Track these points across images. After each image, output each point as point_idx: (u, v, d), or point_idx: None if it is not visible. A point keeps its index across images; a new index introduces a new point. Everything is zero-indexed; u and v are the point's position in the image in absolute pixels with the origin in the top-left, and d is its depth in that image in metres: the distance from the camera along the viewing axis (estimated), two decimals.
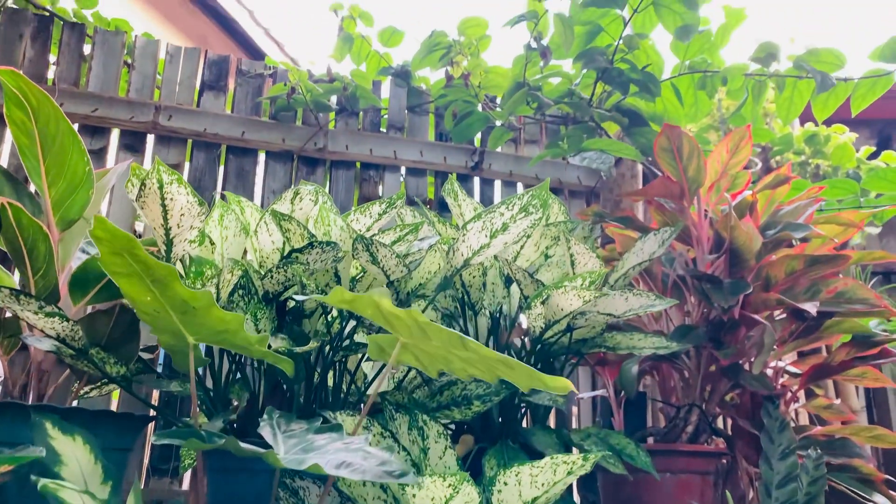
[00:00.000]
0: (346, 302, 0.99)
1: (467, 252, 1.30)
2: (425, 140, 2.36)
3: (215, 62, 2.29)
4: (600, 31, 1.88)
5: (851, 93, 1.89)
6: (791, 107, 1.91)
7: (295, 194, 1.41)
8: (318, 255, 1.28)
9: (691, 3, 1.77)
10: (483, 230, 1.28)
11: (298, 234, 1.32)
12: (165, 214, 1.17)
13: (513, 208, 1.27)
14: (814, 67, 1.82)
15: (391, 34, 2.31)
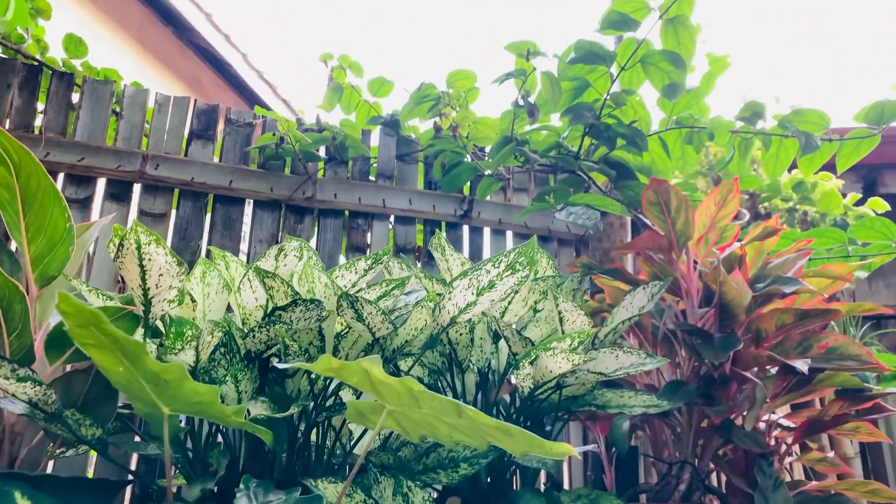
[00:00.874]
0: (333, 370, 0.96)
1: (454, 310, 1.28)
2: (414, 188, 2.35)
3: (204, 111, 2.29)
4: (588, 86, 1.90)
5: (837, 151, 1.91)
6: (777, 163, 1.92)
7: (279, 251, 1.39)
8: (302, 314, 1.26)
9: (678, 62, 1.79)
10: (469, 288, 1.26)
11: (282, 292, 1.30)
12: (143, 275, 1.15)
13: (499, 266, 1.26)
14: (798, 128, 1.84)
15: (381, 84, 2.33)
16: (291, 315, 1.26)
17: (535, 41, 1.82)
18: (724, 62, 2.68)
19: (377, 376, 0.90)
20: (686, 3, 1.82)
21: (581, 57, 1.83)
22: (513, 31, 49.02)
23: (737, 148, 1.98)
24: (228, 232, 2.19)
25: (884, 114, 1.91)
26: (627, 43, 1.87)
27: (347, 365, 0.92)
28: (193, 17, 7.07)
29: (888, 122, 1.92)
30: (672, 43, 1.85)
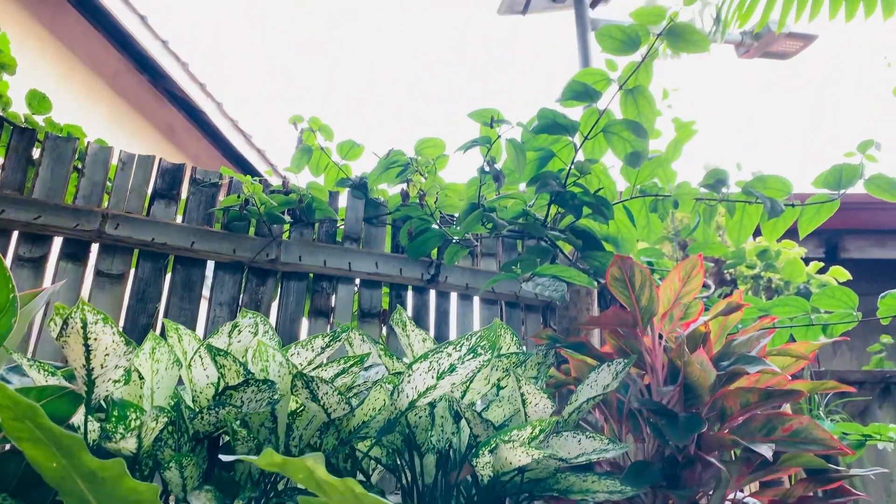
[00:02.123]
0: (277, 465, 0.91)
1: (412, 394, 1.24)
2: (381, 252, 2.33)
3: (169, 171, 2.26)
4: (552, 156, 1.91)
5: (798, 217, 1.93)
6: (741, 230, 1.94)
7: (234, 327, 1.35)
8: (254, 395, 1.21)
9: (639, 131, 1.82)
10: (430, 371, 1.23)
11: (234, 371, 1.25)
12: (88, 355, 1.10)
13: (461, 349, 1.23)
14: (762, 193, 1.86)
15: (350, 147, 2.32)
16: (243, 396, 1.21)
17: (498, 109, 1.83)
18: (691, 129, 2.73)
19: (320, 476, 0.86)
20: (644, 74, 1.86)
21: (545, 126, 1.85)
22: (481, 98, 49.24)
23: (701, 215, 1.99)
24: (188, 294, 2.13)
25: (842, 178, 1.94)
26: (590, 112, 1.89)
27: (291, 461, 0.88)
28: (169, 65, 7.08)
29: (846, 186, 1.96)
30: (632, 112, 1.88)
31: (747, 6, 4.12)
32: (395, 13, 53.61)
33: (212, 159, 8.48)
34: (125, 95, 7.26)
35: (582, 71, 1.81)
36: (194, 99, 7.47)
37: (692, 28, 1.72)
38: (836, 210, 2.13)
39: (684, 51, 1.75)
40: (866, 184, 1.84)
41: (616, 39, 1.75)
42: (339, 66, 63.04)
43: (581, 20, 4.02)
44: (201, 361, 1.31)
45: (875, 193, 1.85)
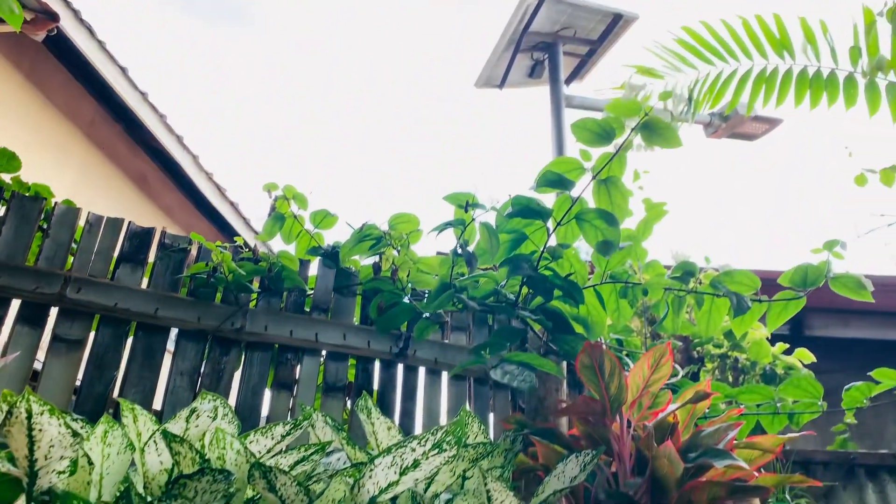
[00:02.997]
0: None
1: (374, 489, 1.20)
2: (350, 323, 2.30)
3: (137, 234, 2.22)
4: (525, 239, 1.92)
5: (766, 312, 1.96)
6: (710, 321, 1.96)
7: (192, 412, 1.30)
8: (209, 485, 1.16)
9: (611, 220, 1.84)
10: (392, 466, 1.19)
11: (189, 458, 1.20)
12: (32, 446, 1.05)
13: (425, 444, 1.20)
14: (728, 288, 1.89)
15: (324, 216, 2.32)
16: (197, 486, 1.15)
17: (473, 193, 1.84)
18: (661, 210, 2.78)
19: None
20: (617, 165, 1.90)
21: (518, 211, 1.86)
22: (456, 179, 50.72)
23: (670, 305, 2.01)
24: (148, 362, 2.07)
25: (807, 278, 1.98)
26: (563, 199, 1.92)
27: None
28: (147, 117, 7.09)
29: (812, 286, 2.00)
30: (605, 202, 1.91)
31: (718, 89, 4.27)
32: (375, 80, 54.02)
33: (184, 211, 8.42)
34: (100, 144, 7.22)
35: (556, 160, 1.84)
36: (170, 150, 7.46)
37: (666, 124, 1.76)
38: None
39: (658, 145, 1.79)
40: (831, 282, 1.88)
41: (591, 131, 1.79)
42: (321, 132, 63.24)
43: (556, 95, 4.12)
44: (156, 447, 1.26)
45: (840, 292, 1.88)
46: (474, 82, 4.51)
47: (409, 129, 58.42)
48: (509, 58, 4.28)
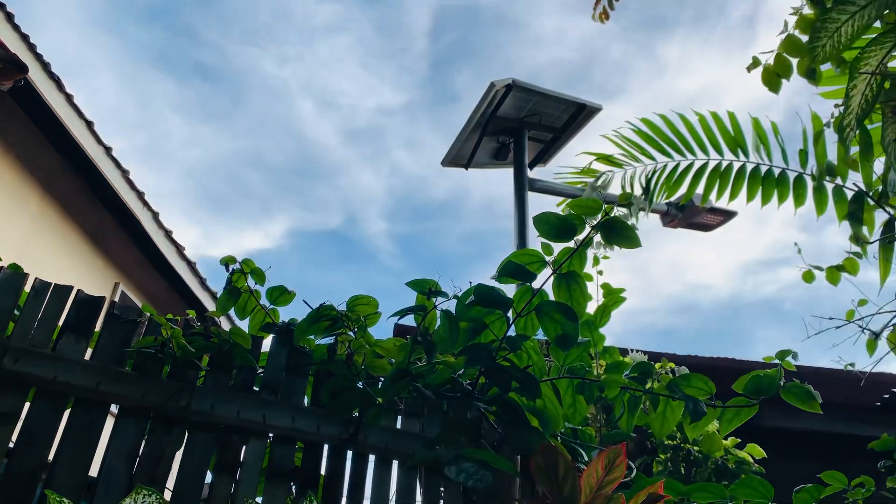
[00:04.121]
0: None
1: None
2: (300, 405, 2.23)
3: (86, 302, 2.15)
4: (485, 328, 1.92)
5: (720, 416, 1.97)
6: (664, 423, 1.96)
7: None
8: None
9: (570, 315, 1.85)
10: None
11: None
12: None
13: None
14: (684, 392, 1.90)
15: (281, 293, 2.28)
16: None
17: (436, 280, 1.84)
18: (619, 296, 2.82)
19: None
20: (577, 260, 1.92)
21: (480, 300, 1.86)
22: None
23: (626, 405, 2.01)
24: (84, 440, 1.97)
25: (760, 387, 2.01)
26: (524, 290, 1.93)
27: None
28: (109, 171, 7.00)
29: (764, 394, 2.02)
30: (564, 296, 1.92)
31: (674, 180, 4.42)
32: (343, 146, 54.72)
33: (141, 268, 8.24)
34: (58, 196, 7.08)
35: (518, 252, 1.86)
36: (131, 206, 7.36)
37: (626, 225, 1.81)
38: None
39: (617, 245, 1.82)
40: (783, 392, 1.90)
41: (553, 226, 1.82)
42: (289, 194, 62.74)
43: (520, 178, 4.21)
44: None
45: (791, 402, 1.91)
46: (441, 161, 4.60)
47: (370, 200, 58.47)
48: (476, 140, 4.39)
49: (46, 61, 6.00)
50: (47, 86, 6.06)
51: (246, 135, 40.32)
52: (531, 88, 4.07)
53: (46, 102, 6.03)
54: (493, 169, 4.69)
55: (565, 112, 4.32)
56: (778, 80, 3.16)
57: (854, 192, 3.16)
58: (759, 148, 3.84)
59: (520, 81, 3.96)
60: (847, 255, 3.11)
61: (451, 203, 55.20)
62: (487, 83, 4.20)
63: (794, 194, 3.67)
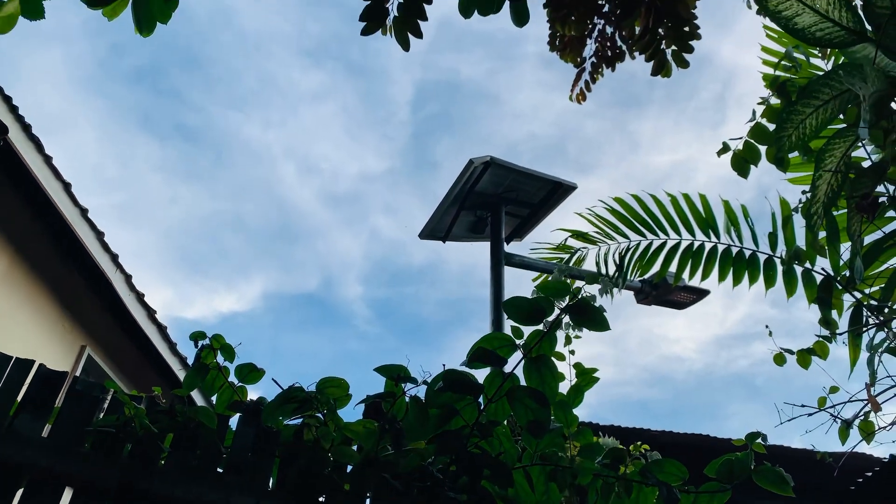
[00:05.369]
0: None
1: None
2: (265, 487, 2.15)
3: (48, 377, 2.09)
4: (455, 414, 1.89)
5: (693, 502, 1.94)
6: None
7: None
8: None
9: (541, 400, 1.84)
10: None
11: None
12: None
13: None
14: (657, 478, 1.88)
15: (250, 370, 2.24)
16: None
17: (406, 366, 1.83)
18: (593, 376, 2.81)
19: None
20: (547, 344, 1.92)
21: (450, 386, 1.84)
22: None
23: (599, 491, 1.97)
24: None
25: (733, 472, 1.99)
26: (494, 375, 1.92)
27: None
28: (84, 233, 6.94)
29: (737, 479, 2.00)
30: (535, 381, 1.91)
31: (647, 258, 4.48)
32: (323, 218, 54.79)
33: (110, 331, 8.08)
34: (29, 256, 6.98)
35: (488, 335, 1.86)
36: (104, 268, 7.26)
37: (595, 308, 1.82)
38: None
39: (586, 328, 1.83)
40: (755, 475, 1.89)
41: (523, 310, 1.82)
42: (267, 265, 62.29)
43: (496, 252, 4.25)
44: None
45: (764, 486, 1.90)
46: (419, 233, 4.64)
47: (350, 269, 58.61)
48: (454, 214, 4.45)
49: (27, 123, 6.02)
50: (26, 146, 6.06)
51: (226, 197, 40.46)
52: (508, 166, 4.16)
53: (24, 163, 6.02)
54: (470, 242, 4.74)
55: (542, 189, 4.41)
56: (747, 165, 3.27)
57: (822, 277, 3.23)
58: (730, 229, 3.93)
59: (498, 159, 4.05)
60: (817, 339, 3.14)
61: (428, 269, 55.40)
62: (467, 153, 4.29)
63: (765, 276, 3.74)
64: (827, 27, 2.31)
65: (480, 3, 2.26)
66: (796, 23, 2.29)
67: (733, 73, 28.99)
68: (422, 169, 52.63)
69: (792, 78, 3.15)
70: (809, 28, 2.31)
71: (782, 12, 2.27)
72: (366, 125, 46.85)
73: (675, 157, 37.60)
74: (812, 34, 2.32)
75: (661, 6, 4.14)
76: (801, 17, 2.29)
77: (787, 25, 2.28)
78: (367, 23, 3.25)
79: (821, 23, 2.31)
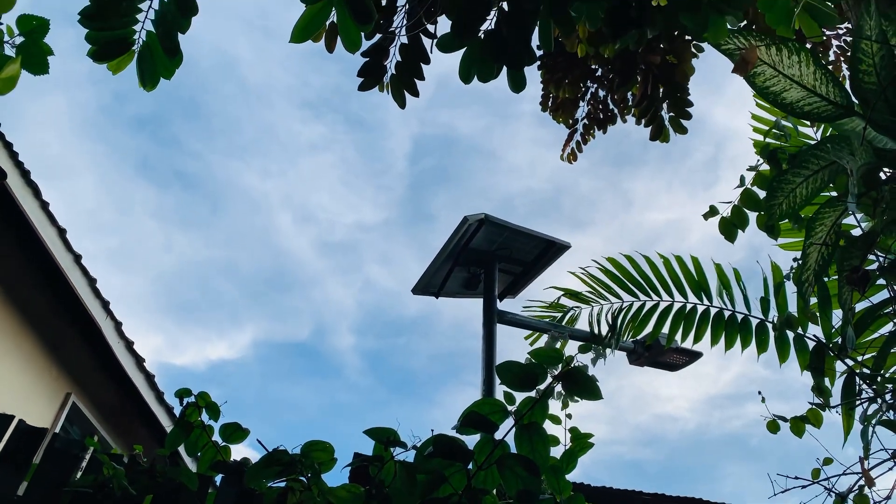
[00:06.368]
0: None
1: None
2: None
3: (27, 433, 2.05)
4: (444, 481, 1.85)
5: None
6: None
7: None
8: None
9: (532, 469, 1.80)
10: None
11: None
12: None
13: None
14: None
15: (234, 430, 2.19)
16: None
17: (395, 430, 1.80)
18: (587, 441, 2.76)
19: None
20: (539, 411, 1.90)
21: (439, 452, 1.81)
22: None
23: None
24: None
25: None
26: (484, 441, 1.89)
27: None
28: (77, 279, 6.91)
29: None
30: (526, 448, 1.88)
31: (640, 320, 4.47)
32: None
33: (95, 379, 7.96)
34: (19, 300, 6.92)
35: (480, 401, 1.84)
36: (94, 315, 7.20)
37: (588, 377, 1.80)
38: None
39: (579, 396, 1.81)
40: None
41: (515, 375, 1.81)
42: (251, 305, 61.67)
43: (489, 311, 4.24)
44: None
45: None
46: (412, 289, 4.63)
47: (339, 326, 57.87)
48: (448, 270, 4.46)
49: (27, 169, 6.06)
50: (24, 192, 6.09)
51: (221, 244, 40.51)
52: (503, 224, 4.19)
53: (21, 209, 6.03)
54: (464, 298, 4.73)
55: (536, 247, 4.43)
56: (734, 229, 3.30)
57: (815, 344, 3.22)
58: (723, 293, 3.94)
59: (492, 217, 4.08)
60: (810, 406, 3.12)
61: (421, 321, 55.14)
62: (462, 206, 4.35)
63: (757, 340, 3.73)
64: (814, 101, 2.36)
65: (480, 70, 2.31)
66: (784, 98, 2.35)
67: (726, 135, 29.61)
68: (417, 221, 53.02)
69: (782, 146, 3.21)
70: (797, 103, 2.36)
71: (770, 88, 2.33)
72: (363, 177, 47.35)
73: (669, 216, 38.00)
74: (800, 108, 2.37)
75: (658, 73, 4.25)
76: (788, 93, 2.34)
77: (775, 100, 2.34)
78: (365, 79, 3.33)
79: (808, 97, 2.36)
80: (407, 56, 3.09)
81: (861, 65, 2.24)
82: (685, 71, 3.77)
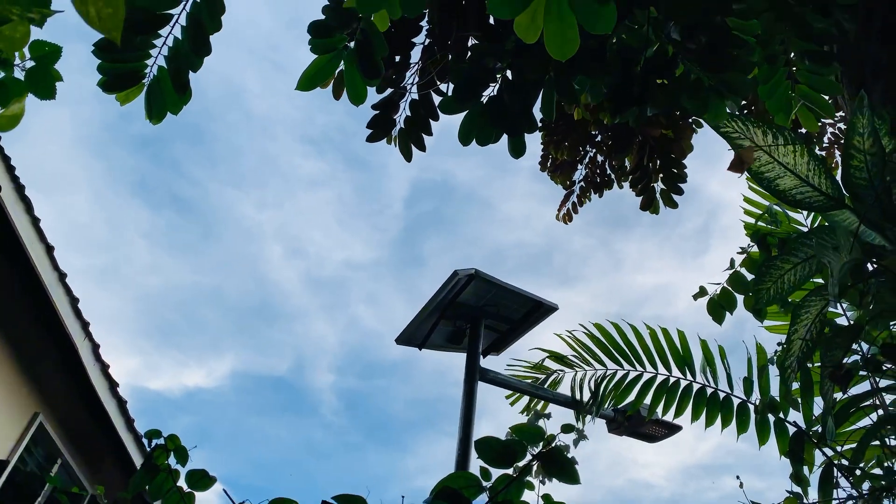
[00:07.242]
0: None
1: None
2: None
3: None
4: None
5: None
6: None
7: None
8: None
9: None
10: None
11: None
12: None
13: None
14: None
15: (201, 476, 2.14)
16: None
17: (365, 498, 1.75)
18: None
19: None
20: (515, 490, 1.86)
21: None
22: None
23: None
24: None
25: None
26: None
27: None
28: (59, 298, 6.83)
29: None
30: None
31: (622, 389, 4.44)
32: None
33: (67, 399, 7.80)
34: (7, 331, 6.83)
35: (454, 474, 1.80)
36: (73, 336, 7.09)
37: (567, 459, 1.78)
38: None
39: (556, 478, 1.78)
40: None
41: (494, 451, 1.78)
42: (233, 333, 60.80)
43: (471, 367, 4.20)
44: None
45: None
46: (395, 338, 4.59)
47: None
48: (433, 322, 4.43)
49: (21, 183, 6.05)
50: (16, 207, 6.06)
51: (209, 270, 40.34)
52: (492, 281, 4.18)
53: (11, 223, 6.00)
54: (447, 352, 4.70)
55: (523, 306, 4.42)
56: (722, 311, 3.31)
57: (795, 431, 3.20)
58: (706, 369, 3.92)
59: (482, 273, 4.08)
60: (788, 496, 3.07)
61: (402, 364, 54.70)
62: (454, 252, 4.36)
63: (738, 420, 3.70)
64: (807, 191, 2.40)
65: (480, 134, 2.34)
66: (778, 184, 2.38)
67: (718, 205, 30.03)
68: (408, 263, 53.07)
69: (773, 231, 3.24)
70: (790, 190, 2.39)
71: (764, 174, 2.36)
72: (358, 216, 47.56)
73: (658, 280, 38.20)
74: (793, 196, 2.40)
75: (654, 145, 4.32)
76: (782, 180, 2.38)
77: (769, 186, 2.37)
78: (374, 131, 3.34)
79: (801, 186, 2.40)
80: (417, 112, 3.13)
81: (853, 160, 2.28)
82: (683, 148, 3.84)
